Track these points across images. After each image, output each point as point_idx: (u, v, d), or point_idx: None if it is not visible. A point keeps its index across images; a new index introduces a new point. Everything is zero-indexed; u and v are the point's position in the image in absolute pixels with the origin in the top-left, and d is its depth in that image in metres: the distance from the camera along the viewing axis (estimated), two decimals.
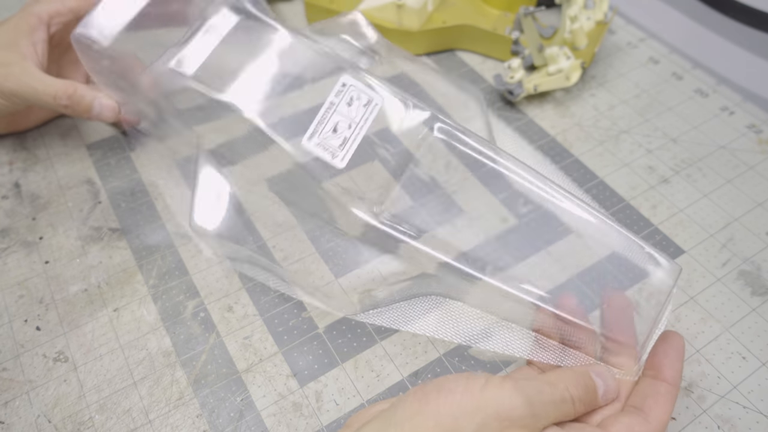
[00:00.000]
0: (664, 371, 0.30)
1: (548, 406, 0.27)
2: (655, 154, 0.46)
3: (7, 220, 0.41)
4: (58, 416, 0.33)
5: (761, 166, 0.45)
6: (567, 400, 0.27)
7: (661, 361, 0.30)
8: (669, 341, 0.31)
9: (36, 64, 0.40)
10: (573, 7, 0.51)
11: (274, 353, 0.35)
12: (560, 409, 0.27)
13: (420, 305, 0.35)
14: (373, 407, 0.28)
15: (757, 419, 0.33)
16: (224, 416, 0.33)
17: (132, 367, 0.35)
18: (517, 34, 0.52)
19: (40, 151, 0.46)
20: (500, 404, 0.25)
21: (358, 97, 0.33)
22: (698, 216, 0.42)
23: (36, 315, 0.37)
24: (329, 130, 0.33)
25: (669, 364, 0.30)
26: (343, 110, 0.33)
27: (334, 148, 0.33)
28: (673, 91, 0.51)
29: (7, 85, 0.39)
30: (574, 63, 0.49)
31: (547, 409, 0.27)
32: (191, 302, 0.37)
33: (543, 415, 0.26)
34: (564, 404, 0.27)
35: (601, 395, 0.29)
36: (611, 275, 0.39)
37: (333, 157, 0.33)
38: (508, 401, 0.25)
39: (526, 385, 0.27)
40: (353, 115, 0.33)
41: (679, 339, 0.31)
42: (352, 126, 0.33)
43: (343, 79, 0.34)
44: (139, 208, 0.42)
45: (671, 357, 0.30)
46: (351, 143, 0.33)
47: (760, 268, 0.39)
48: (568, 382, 0.28)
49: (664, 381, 0.29)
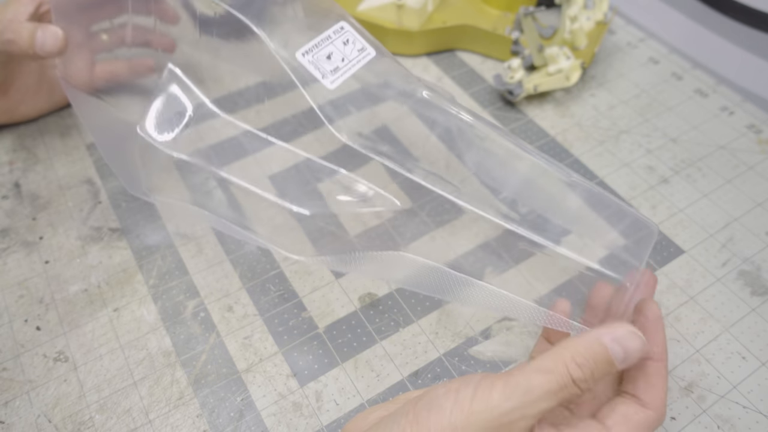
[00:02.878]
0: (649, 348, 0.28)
1: (544, 400, 0.24)
2: (655, 154, 0.46)
3: (7, 220, 0.41)
4: (58, 416, 0.33)
5: (761, 166, 0.46)
6: (567, 386, 0.25)
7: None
8: (644, 313, 0.29)
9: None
10: (573, 7, 0.51)
11: (274, 353, 0.35)
12: (559, 397, 0.25)
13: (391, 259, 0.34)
14: (370, 413, 0.27)
15: (757, 419, 0.33)
16: (224, 416, 0.33)
17: (132, 367, 0.35)
18: (517, 34, 0.52)
19: (40, 151, 0.46)
20: (490, 415, 0.24)
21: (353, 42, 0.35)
22: (698, 216, 0.42)
23: (36, 315, 0.37)
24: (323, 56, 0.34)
25: (652, 340, 0.28)
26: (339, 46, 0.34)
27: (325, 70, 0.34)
28: (673, 91, 0.51)
29: None
30: (574, 63, 0.49)
31: (544, 404, 0.24)
32: (191, 302, 0.37)
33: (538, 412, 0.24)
34: (564, 390, 0.25)
35: (619, 361, 0.25)
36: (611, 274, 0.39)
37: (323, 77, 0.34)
38: (497, 408, 0.24)
39: (517, 381, 0.25)
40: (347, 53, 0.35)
41: (655, 308, 0.29)
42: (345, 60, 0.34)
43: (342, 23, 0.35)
44: (139, 208, 0.42)
45: (652, 331, 0.28)
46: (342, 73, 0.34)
47: (759, 268, 0.39)
48: (568, 363, 0.25)
49: (649, 359, 0.28)
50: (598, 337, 0.25)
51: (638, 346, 0.25)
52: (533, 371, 0.25)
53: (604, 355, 0.25)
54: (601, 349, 0.25)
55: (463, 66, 0.54)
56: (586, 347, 0.25)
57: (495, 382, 0.25)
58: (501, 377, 0.25)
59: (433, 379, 0.34)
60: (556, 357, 0.25)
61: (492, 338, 0.36)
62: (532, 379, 0.24)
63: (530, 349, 0.36)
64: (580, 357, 0.25)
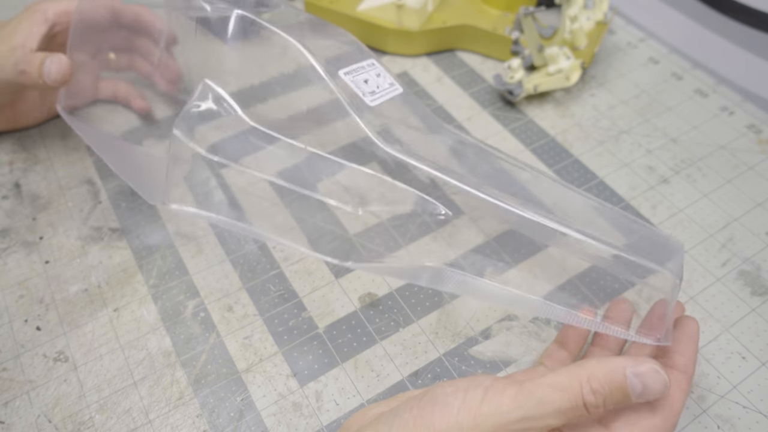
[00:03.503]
0: (675, 358, 0.28)
1: (553, 417, 0.24)
2: (655, 154, 0.46)
3: (8, 220, 0.41)
4: (58, 416, 0.33)
5: (761, 166, 0.46)
6: (578, 408, 0.24)
7: (671, 348, 0.28)
8: (682, 327, 0.29)
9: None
10: (573, 7, 0.51)
11: (274, 353, 0.35)
12: (568, 417, 0.24)
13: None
14: (371, 409, 0.27)
15: (757, 419, 0.33)
16: (224, 416, 0.33)
17: (132, 367, 0.35)
18: (517, 34, 0.52)
19: (40, 152, 0.46)
20: (499, 419, 0.24)
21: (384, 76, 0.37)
22: (698, 216, 0.42)
23: (36, 315, 0.37)
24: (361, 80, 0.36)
25: (680, 351, 0.28)
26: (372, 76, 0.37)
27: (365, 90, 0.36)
28: (673, 91, 0.51)
29: None
30: (574, 63, 0.49)
31: (552, 420, 0.24)
32: (191, 302, 0.37)
33: (548, 422, 0.24)
34: (573, 412, 0.24)
35: (636, 395, 0.25)
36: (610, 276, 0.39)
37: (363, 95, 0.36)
38: (507, 415, 0.24)
39: (530, 391, 0.24)
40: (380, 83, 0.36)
41: (693, 324, 0.29)
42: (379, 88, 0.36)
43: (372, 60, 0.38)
44: (139, 208, 0.42)
45: (683, 343, 0.28)
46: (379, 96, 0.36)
47: (759, 268, 0.39)
48: (584, 386, 0.24)
49: (673, 368, 0.28)
50: (620, 367, 0.25)
51: (659, 387, 0.25)
52: (548, 386, 0.24)
53: (621, 386, 0.25)
54: (620, 379, 0.25)
55: (463, 66, 0.54)
56: (606, 373, 0.25)
57: (507, 387, 0.24)
58: (513, 384, 0.24)
59: (433, 379, 0.34)
60: (572, 376, 0.25)
61: (492, 338, 0.36)
62: (546, 394, 0.24)
63: (530, 349, 0.36)
64: (596, 382, 0.24)
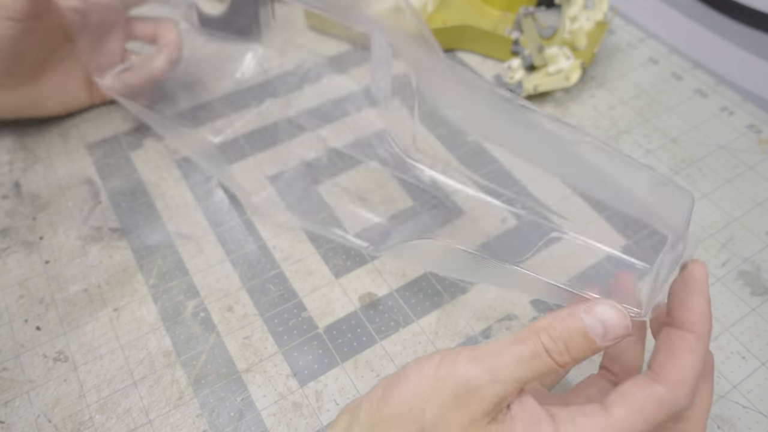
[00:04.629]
0: (678, 314, 0.24)
1: (514, 366, 0.22)
2: (655, 154, 0.46)
3: (7, 219, 0.41)
4: (58, 416, 0.33)
5: (761, 166, 0.46)
6: (540, 355, 0.23)
7: (674, 303, 0.25)
8: (684, 274, 0.25)
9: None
10: (573, 7, 0.51)
11: (274, 353, 0.35)
12: (533, 367, 0.23)
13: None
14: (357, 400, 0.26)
15: (757, 419, 0.33)
16: (224, 416, 0.33)
17: (132, 367, 0.35)
18: (517, 34, 0.52)
19: (40, 151, 0.46)
20: (456, 380, 0.22)
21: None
22: (698, 216, 0.42)
23: (36, 315, 0.37)
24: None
25: (682, 305, 0.24)
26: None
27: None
28: (672, 92, 0.51)
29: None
30: (573, 63, 0.49)
31: (514, 371, 0.22)
32: (191, 302, 0.37)
33: (510, 377, 0.22)
34: (537, 360, 0.23)
35: (599, 337, 0.23)
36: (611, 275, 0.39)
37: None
38: (462, 373, 0.22)
39: (485, 349, 0.23)
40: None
41: (699, 269, 0.25)
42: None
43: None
44: (139, 207, 0.42)
45: (685, 294, 0.24)
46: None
47: (759, 268, 0.39)
48: (540, 333, 0.23)
49: (679, 327, 0.24)
50: (574, 312, 0.24)
51: (618, 321, 0.23)
52: (502, 341, 0.23)
53: (579, 329, 0.23)
54: (575, 323, 0.23)
55: (462, 66, 0.54)
56: (560, 320, 0.23)
57: (461, 351, 0.23)
58: (467, 349, 0.23)
59: None
60: (527, 328, 0.24)
61: (492, 338, 0.36)
62: (503, 346, 0.23)
63: None
64: (552, 329, 0.23)
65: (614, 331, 0.23)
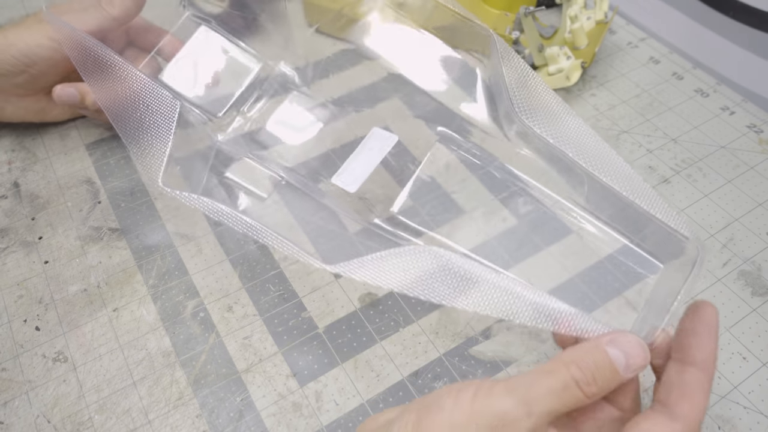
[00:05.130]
0: (692, 353, 0.25)
1: (546, 398, 0.24)
2: (656, 154, 0.46)
3: (7, 220, 0.41)
4: (57, 416, 0.33)
5: (761, 166, 0.45)
6: (570, 386, 0.24)
7: (687, 341, 0.25)
8: (698, 315, 0.26)
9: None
10: (573, 6, 0.51)
11: (274, 353, 0.35)
12: (563, 399, 0.24)
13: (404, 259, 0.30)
14: (381, 416, 0.27)
15: (758, 419, 0.33)
16: (224, 416, 0.33)
17: (131, 367, 0.35)
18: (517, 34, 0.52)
19: (40, 151, 0.45)
20: (492, 411, 0.23)
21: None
22: (698, 216, 0.42)
23: (35, 315, 0.37)
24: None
25: (697, 344, 0.25)
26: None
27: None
28: (673, 91, 0.51)
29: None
30: (574, 63, 0.49)
31: (547, 403, 0.24)
32: (191, 302, 0.37)
33: (543, 410, 0.24)
34: (567, 392, 0.24)
35: (622, 368, 0.25)
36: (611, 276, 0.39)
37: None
38: (499, 406, 0.23)
39: (518, 381, 0.24)
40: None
41: (710, 311, 0.26)
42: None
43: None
44: (139, 208, 0.42)
45: (700, 334, 0.25)
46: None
47: (760, 268, 0.39)
48: (569, 365, 0.24)
49: (692, 365, 0.25)
50: (598, 343, 0.25)
51: (640, 353, 0.25)
52: (534, 373, 0.25)
53: (605, 361, 0.25)
54: (601, 355, 0.25)
55: None
56: (586, 351, 0.25)
57: (496, 383, 0.24)
58: (502, 380, 0.25)
59: (433, 379, 0.34)
60: (555, 360, 0.25)
61: (492, 338, 0.36)
62: (534, 379, 0.24)
63: (530, 349, 0.35)
64: (580, 360, 0.24)
65: (636, 363, 0.25)
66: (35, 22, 0.41)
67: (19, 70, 0.41)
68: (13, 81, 0.41)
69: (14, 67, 0.40)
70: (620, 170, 0.31)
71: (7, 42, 0.39)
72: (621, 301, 0.38)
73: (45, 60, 0.41)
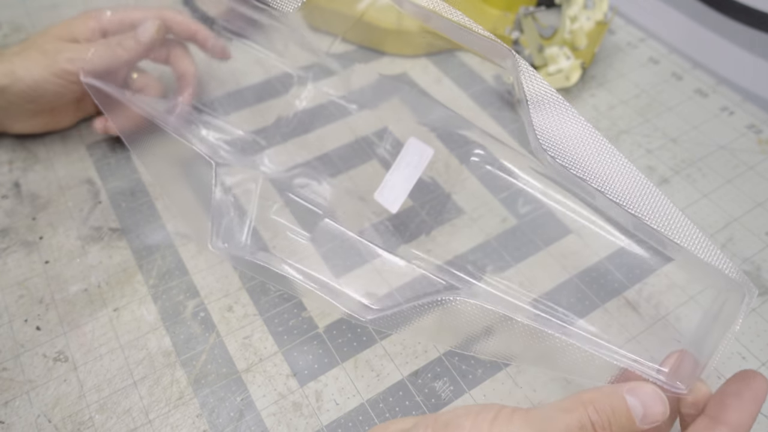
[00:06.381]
0: (729, 413, 0.25)
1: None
2: (655, 154, 0.46)
3: (7, 219, 0.41)
4: (58, 416, 0.33)
5: (761, 166, 0.46)
6: (585, 427, 0.24)
7: (728, 401, 0.26)
8: (747, 381, 0.26)
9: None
10: (573, 7, 0.51)
11: (274, 353, 0.35)
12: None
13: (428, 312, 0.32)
14: (391, 425, 0.27)
15: (758, 419, 0.33)
16: (224, 416, 0.33)
17: (132, 366, 0.35)
18: (517, 34, 0.52)
19: (40, 151, 0.46)
20: None
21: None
22: (698, 216, 0.42)
23: (36, 315, 0.37)
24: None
25: (737, 407, 0.25)
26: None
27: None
28: (673, 91, 0.51)
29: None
30: (574, 63, 0.49)
31: None
32: (191, 302, 0.37)
33: None
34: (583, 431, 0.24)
35: (639, 418, 0.25)
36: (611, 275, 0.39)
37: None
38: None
39: (537, 414, 0.25)
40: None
41: (762, 382, 0.26)
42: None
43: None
44: (139, 208, 0.42)
45: (743, 398, 0.25)
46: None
47: (759, 268, 0.39)
48: (587, 406, 0.25)
49: (724, 425, 0.25)
50: (618, 389, 0.25)
51: (660, 408, 0.25)
52: (552, 408, 0.25)
53: (622, 408, 0.25)
54: (620, 402, 0.25)
55: (462, 66, 0.54)
56: (606, 395, 0.25)
57: (515, 412, 0.25)
58: (521, 410, 0.25)
59: (433, 379, 0.34)
60: (574, 399, 0.25)
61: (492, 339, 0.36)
62: (552, 414, 0.25)
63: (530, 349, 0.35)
64: (598, 403, 0.25)
65: (653, 416, 0.25)
66: (39, 53, 0.41)
67: (27, 101, 0.41)
68: (21, 108, 0.42)
69: (22, 99, 0.41)
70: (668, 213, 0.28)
71: (15, 77, 0.40)
72: (621, 301, 0.38)
73: (53, 93, 0.42)
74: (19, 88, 0.40)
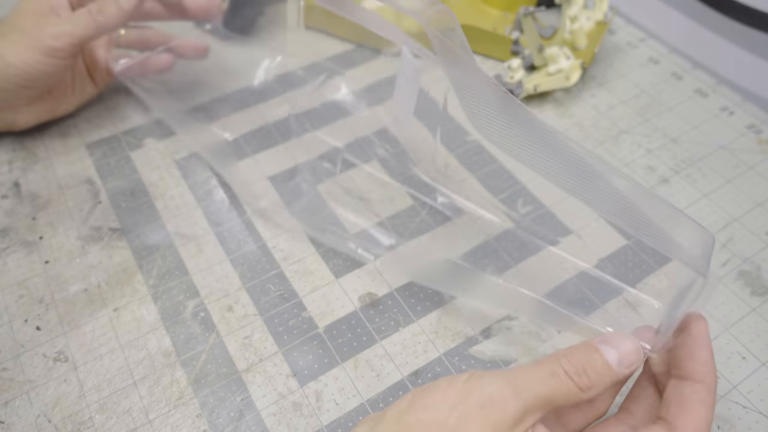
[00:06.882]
0: (685, 366, 0.26)
1: (533, 383, 0.24)
2: (655, 155, 0.46)
3: (7, 219, 0.41)
4: (58, 416, 0.33)
5: (761, 166, 0.46)
6: (557, 374, 0.25)
7: (680, 355, 0.26)
8: (687, 329, 0.27)
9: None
10: (573, 7, 0.51)
11: (274, 353, 0.35)
12: (551, 386, 0.25)
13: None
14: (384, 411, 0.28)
15: (757, 419, 0.33)
16: (224, 416, 0.33)
17: (132, 366, 0.35)
18: (517, 34, 0.52)
19: (40, 151, 0.46)
20: (481, 391, 0.24)
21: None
22: (698, 216, 0.42)
23: (36, 315, 0.37)
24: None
25: (688, 357, 0.26)
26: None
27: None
28: (672, 91, 0.51)
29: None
30: (574, 63, 0.49)
31: (534, 387, 0.24)
32: (191, 302, 0.37)
33: (531, 395, 0.24)
34: (554, 379, 0.25)
35: (615, 363, 0.25)
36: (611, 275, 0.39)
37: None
38: (488, 386, 0.24)
39: (511, 370, 0.25)
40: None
41: (701, 324, 0.26)
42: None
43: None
44: (139, 207, 0.42)
45: (690, 347, 0.26)
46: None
47: (759, 268, 0.39)
48: (560, 358, 0.25)
49: (687, 379, 0.25)
50: (589, 341, 0.27)
51: (632, 349, 0.26)
52: (526, 365, 0.26)
53: (596, 356, 0.26)
54: (592, 351, 0.26)
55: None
56: (578, 347, 0.26)
57: (490, 371, 0.26)
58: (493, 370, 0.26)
59: (434, 379, 0.34)
60: (547, 357, 0.26)
61: (492, 338, 0.36)
62: (525, 368, 0.26)
63: (530, 349, 0.36)
64: (570, 354, 0.26)
65: (628, 358, 0.26)
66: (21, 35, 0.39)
67: (24, 87, 0.41)
68: (17, 95, 0.41)
69: (16, 86, 0.40)
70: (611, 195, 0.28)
71: (6, 62, 0.39)
72: (620, 302, 0.38)
73: (47, 75, 0.40)
74: (12, 73, 0.39)
